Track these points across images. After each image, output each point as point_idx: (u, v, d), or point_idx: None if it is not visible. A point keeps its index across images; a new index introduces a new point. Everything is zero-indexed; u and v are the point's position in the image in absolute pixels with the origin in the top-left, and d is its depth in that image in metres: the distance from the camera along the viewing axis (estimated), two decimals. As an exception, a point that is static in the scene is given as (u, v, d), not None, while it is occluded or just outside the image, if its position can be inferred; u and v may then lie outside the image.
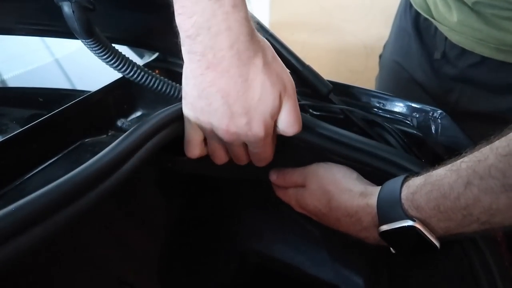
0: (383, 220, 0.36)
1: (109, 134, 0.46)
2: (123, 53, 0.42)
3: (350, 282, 0.68)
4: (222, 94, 0.36)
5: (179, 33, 0.36)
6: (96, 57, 0.41)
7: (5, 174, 0.34)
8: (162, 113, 0.39)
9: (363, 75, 1.63)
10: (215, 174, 0.53)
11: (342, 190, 0.41)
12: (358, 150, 0.43)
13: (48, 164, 0.38)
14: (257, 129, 0.38)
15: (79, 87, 0.51)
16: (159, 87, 0.43)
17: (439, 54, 0.65)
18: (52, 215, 0.25)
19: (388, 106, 0.51)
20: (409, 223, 0.34)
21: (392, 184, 0.37)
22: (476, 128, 0.47)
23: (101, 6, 0.40)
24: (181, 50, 0.37)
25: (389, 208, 0.36)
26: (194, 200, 0.72)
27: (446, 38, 0.62)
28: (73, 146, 0.41)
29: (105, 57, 0.40)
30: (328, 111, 0.51)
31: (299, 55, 0.50)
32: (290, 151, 0.46)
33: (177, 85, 0.48)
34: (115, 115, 0.48)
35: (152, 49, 0.58)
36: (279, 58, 0.39)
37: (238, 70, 0.35)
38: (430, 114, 0.49)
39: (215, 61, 0.34)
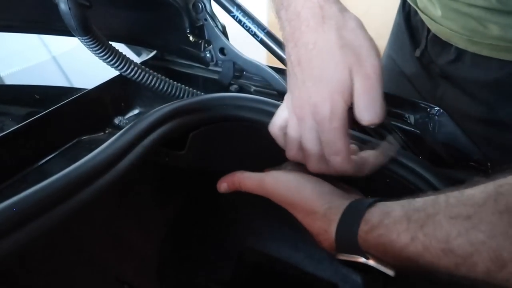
0: (340, 248, 0.34)
1: (107, 131, 0.46)
2: (120, 51, 0.42)
3: (348, 280, 0.68)
4: (296, 62, 0.35)
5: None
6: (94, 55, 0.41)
7: (2, 170, 0.34)
8: (159, 111, 0.39)
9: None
10: (212, 169, 0.53)
11: (306, 212, 0.37)
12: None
13: (45, 161, 0.38)
14: (322, 105, 0.34)
15: (77, 84, 0.51)
16: (156, 85, 0.44)
17: (419, 52, 0.65)
18: (47, 211, 0.25)
19: (385, 103, 0.51)
20: (362, 260, 0.32)
21: (353, 212, 0.34)
22: (464, 127, 0.47)
23: (99, 3, 0.40)
24: (181, 48, 0.38)
25: (346, 241, 0.33)
26: (192, 199, 0.72)
27: (428, 31, 0.63)
28: (70, 144, 0.41)
29: (102, 54, 0.40)
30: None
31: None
32: None
33: (174, 82, 0.48)
34: (113, 113, 0.48)
35: (150, 47, 0.58)
36: (364, 32, 0.35)
37: (306, 37, 0.34)
38: (428, 111, 0.49)
39: (292, 31, 0.35)
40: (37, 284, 0.45)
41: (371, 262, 0.32)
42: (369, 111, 0.34)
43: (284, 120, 0.39)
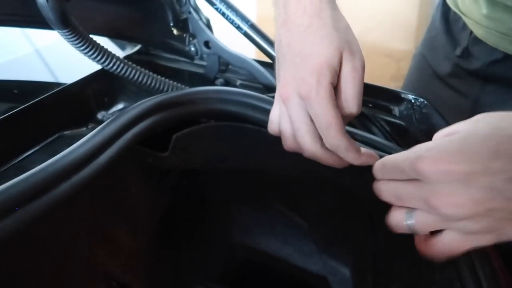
0: None
1: (89, 127, 0.46)
2: (101, 44, 0.42)
3: (337, 273, 0.68)
4: (286, 44, 0.37)
5: None
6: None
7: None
8: (141, 105, 0.39)
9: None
10: (196, 167, 0.53)
11: None
12: None
13: (26, 156, 0.37)
14: (309, 77, 0.34)
15: (61, 78, 0.50)
16: (139, 78, 0.43)
17: (460, 51, 0.64)
18: (22, 206, 0.25)
19: (371, 95, 0.51)
20: None
21: None
22: None
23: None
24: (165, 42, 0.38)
25: None
26: (181, 196, 0.71)
27: (471, 33, 0.62)
28: (51, 139, 0.40)
29: (82, 48, 0.40)
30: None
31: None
32: None
33: (158, 76, 0.47)
34: (96, 107, 0.48)
35: (133, 41, 0.57)
36: (350, 28, 0.37)
37: (301, 20, 0.36)
38: (412, 103, 0.49)
39: (286, 17, 0.37)
40: (24, 282, 0.44)
41: None
42: (355, 101, 0.35)
43: (278, 116, 0.39)
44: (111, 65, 0.42)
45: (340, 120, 0.34)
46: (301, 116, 0.35)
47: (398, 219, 0.31)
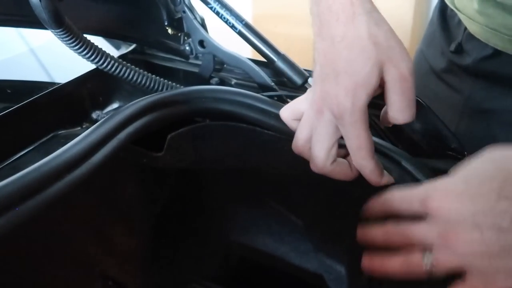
0: None
1: (84, 126, 0.46)
2: (95, 44, 0.42)
3: (333, 271, 0.68)
4: (322, 55, 0.35)
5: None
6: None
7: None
8: (136, 104, 0.39)
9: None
10: (191, 167, 0.53)
11: None
12: None
13: (20, 156, 0.37)
14: (345, 97, 0.33)
15: (56, 78, 0.50)
16: (133, 78, 0.43)
17: (454, 46, 0.65)
18: (16, 205, 0.25)
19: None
20: None
21: None
22: (489, 127, 0.47)
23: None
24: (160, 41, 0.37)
25: None
26: (177, 195, 0.72)
27: (465, 29, 0.62)
28: (45, 138, 0.40)
29: (76, 47, 0.40)
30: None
31: (281, 47, 0.50)
32: None
33: (152, 76, 0.47)
34: (90, 107, 0.48)
35: (128, 40, 0.57)
36: (395, 35, 0.35)
37: (335, 31, 0.34)
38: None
39: (321, 26, 0.34)
40: (20, 281, 0.44)
41: None
42: (406, 112, 0.34)
43: (298, 110, 0.38)
44: (105, 64, 0.42)
45: (371, 142, 0.34)
46: (328, 132, 0.35)
47: (416, 260, 0.30)
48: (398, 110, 0.34)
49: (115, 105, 0.52)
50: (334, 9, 0.33)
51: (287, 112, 0.40)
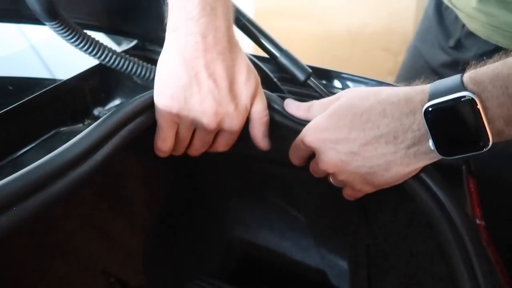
0: (435, 94, 0.31)
1: (86, 123, 0.46)
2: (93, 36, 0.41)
3: (335, 267, 0.68)
4: (215, 78, 0.36)
5: (167, 18, 0.37)
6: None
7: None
8: (137, 100, 0.39)
9: (348, 61, 1.63)
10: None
11: (392, 90, 0.35)
12: None
13: (22, 153, 0.37)
14: (242, 113, 0.39)
15: (58, 74, 0.50)
16: (133, 69, 0.42)
17: (453, 42, 0.65)
18: (19, 202, 0.25)
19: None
20: (465, 93, 0.28)
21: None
22: None
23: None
24: (161, 37, 0.37)
25: (445, 83, 0.31)
26: (179, 191, 0.71)
27: (463, 25, 0.62)
28: (47, 135, 0.40)
29: (73, 40, 0.39)
30: (307, 95, 0.51)
31: (283, 42, 0.50)
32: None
33: (152, 66, 0.47)
34: (92, 103, 0.48)
35: (128, 36, 0.57)
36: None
37: (229, 54, 0.36)
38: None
39: (213, 42, 0.35)
40: (23, 278, 0.44)
41: (476, 98, 0.28)
42: (266, 113, 0.41)
43: (173, 135, 0.42)
44: (103, 56, 0.41)
45: None
46: (211, 140, 0.43)
47: (314, 166, 0.42)
48: (262, 115, 0.41)
49: (117, 102, 0.52)
50: (228, 33, 0.37)
51: (169, 145, 0.43)
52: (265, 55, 0.52)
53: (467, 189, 0.44)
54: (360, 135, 0.34)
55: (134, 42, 0.58)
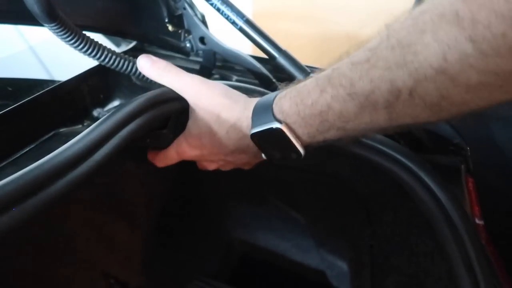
0: (256, 123, 0.38)
1: (85, 124, 0.46)
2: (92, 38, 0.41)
3: (335, 267, 0.68)
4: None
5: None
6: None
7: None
8: (136, 101, 0.39)
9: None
10: None
11: (228, 107, 0.41)
12: None
13: (21, 154, 0.37)
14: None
15: (57, 76, 0.50)
16: (133, 69, 0.43)
17: None
18: (18, 203, 0.25)
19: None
20: (275, 125, 0.36)
21: (268, 96, 0.39)
22: (484, 120, 0.47)
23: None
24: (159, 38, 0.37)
25: (262, 112, 0.38)
26: (179, 192, 0.71)
27: None
28: (46, 136, 0.40)
29: (72, 41, 0.39)
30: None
31: (282, 43, 0.50)
32: None
33: None
34: (91, 104, 0.48)
35: (128, 38, 0.57)
36: None
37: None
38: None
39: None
40: (23, 280, 0.44)
41: (283, 128, 0.35)
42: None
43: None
44: (102, 57, 0.41)
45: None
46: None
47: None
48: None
49: (116, 102, 0.52)
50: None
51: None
52: (263, 55, 0.52)
53: (466, 189, 0.44)
54: (221, 150, 0.43)
55: (133, 43, 0.58)
